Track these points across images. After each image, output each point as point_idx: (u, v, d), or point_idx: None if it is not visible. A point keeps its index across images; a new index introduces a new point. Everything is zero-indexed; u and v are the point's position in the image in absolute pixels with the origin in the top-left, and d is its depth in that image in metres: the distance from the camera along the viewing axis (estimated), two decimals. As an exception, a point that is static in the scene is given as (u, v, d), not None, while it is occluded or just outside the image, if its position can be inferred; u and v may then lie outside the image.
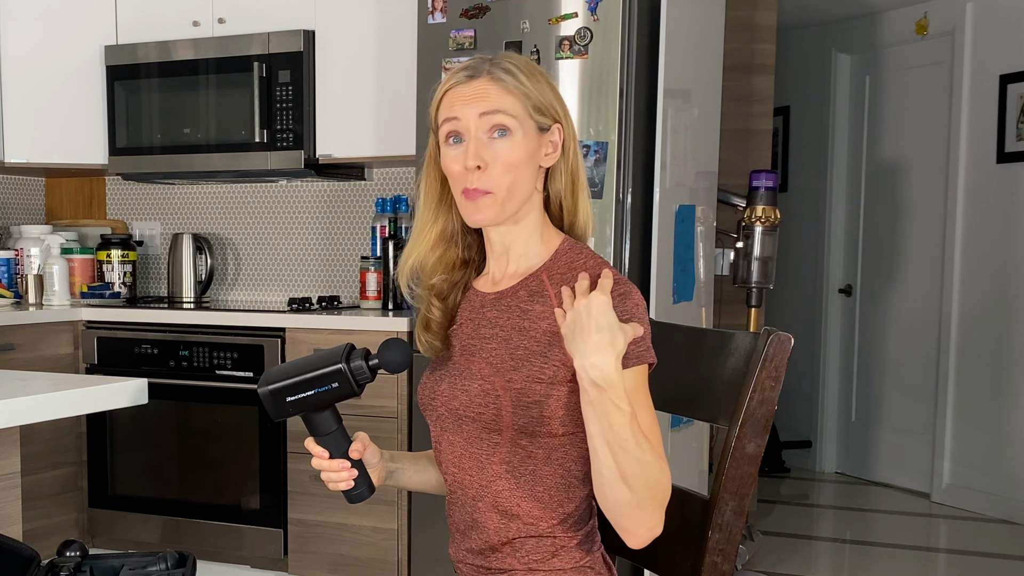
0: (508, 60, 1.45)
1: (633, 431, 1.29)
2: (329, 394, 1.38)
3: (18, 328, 3.55)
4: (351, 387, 1.38)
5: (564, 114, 1.48)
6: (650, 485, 1.32)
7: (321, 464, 1.45)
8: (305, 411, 1.40)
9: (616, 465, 1.30)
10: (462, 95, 1.43)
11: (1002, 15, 4.68)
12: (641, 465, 1.30)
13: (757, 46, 4.25)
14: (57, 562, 1.32)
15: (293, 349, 3.45)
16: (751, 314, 3.78)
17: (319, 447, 1.44)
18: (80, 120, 3.99)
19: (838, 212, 5.62)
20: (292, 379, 1.38)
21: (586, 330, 1.28)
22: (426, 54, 3.17)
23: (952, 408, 4.91)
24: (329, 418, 1.43)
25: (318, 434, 1.43)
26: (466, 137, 1.43)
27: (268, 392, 1.38)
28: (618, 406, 1.28)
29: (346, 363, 1.37)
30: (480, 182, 1.42)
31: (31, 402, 1.64)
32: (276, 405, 1.38)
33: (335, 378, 1.37)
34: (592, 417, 1.31)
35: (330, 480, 1.45)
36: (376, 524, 3.38)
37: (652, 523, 1.35)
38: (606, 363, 1.27)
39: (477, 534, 1.49)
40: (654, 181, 3.06)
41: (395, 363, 1.39)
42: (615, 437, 1.29)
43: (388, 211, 3.75)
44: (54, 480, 3.70)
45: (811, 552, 4.25)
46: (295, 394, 1.38)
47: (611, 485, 1.32)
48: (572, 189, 1.50)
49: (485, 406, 1.43)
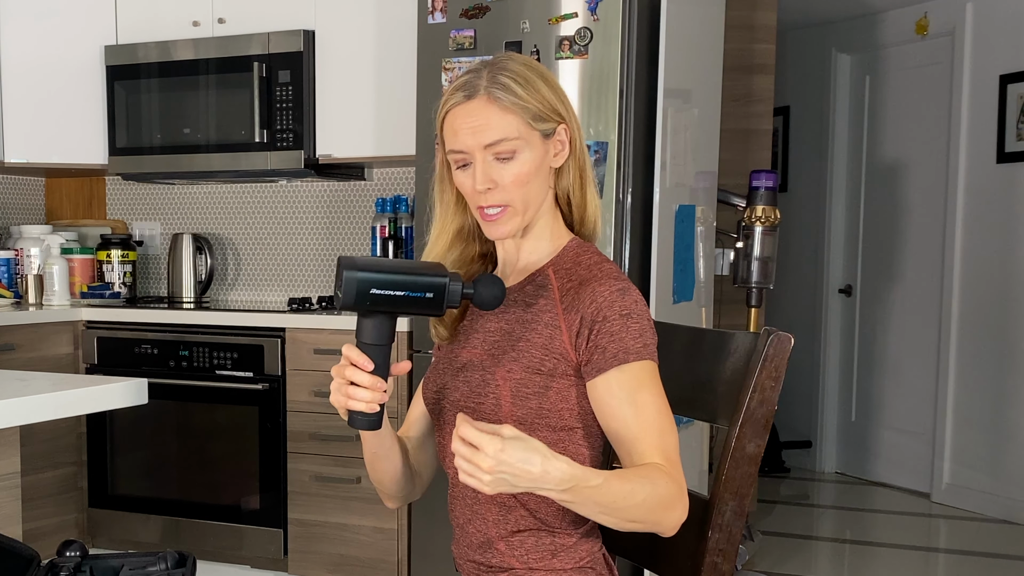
0: (503, 72, 1.43)
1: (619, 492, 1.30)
2: (416, 303, 1.30)
3: (18, 328, 3.55)
4: (441, 305, 1.32)
5: (567, 110, 1.48)
6: (653, 511, 1.34)
7: (359, 376, 1.33)
8: (384, 310, 1.30)
9: (618, 521, 1.33)
10: (463, 122, 1.43)
11: (1002, 15, 4.68)
12: (639, 508, 1.32)
13: (757, 46, 4.25)
14: (57, 562, 1.32)
15: (293, 349, 3.45)
16: (751, 314, 3.78)
17: (363, 356, 1.33)
18: (80, 120, 3.99)
19: (838, 212, 5.62)
20: (389, 273, 1.29)
21: (522, 475, 1.22)
22: (426, 54, 3.17)
23: (952, 408, 4.91)
24: (390, 328, 1.33)
25: (369, 341, 1.32)
26: (473, 162, 1.44)
27: (358, 277, 1.27)
28: (593, 487, 1.27)
29: (450, 280, 1.31)
30: (494, 199, 1.44)
31: (31, 402, 1.64)
32: (359, 292, 1.28)
33: (433, 289, 1.30)
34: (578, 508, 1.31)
35: (356, 396, 1.34)
36: (376, 524, 3.38)
37: (677, 516, 1.37)
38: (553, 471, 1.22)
39: (477, 527, 1.50)
40: (654, 181, 3.06)
41: (485, 299, 1.35)
42: (605, 509, 1.31)
43: (388, 211, 3.75)
44: (54, 480, 3.70)
45: (811, 552, 4.25)
46: (386, 289, 1.28)
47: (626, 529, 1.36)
48: (580, 183, 1.51)
49: (484, 396, 1.44)
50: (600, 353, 1.38)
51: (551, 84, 1.47)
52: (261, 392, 3.50)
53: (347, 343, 1.36)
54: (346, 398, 1.35)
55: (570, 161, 1.49)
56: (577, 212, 1.52)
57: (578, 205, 1.52)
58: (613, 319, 1.38)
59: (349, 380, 1.34)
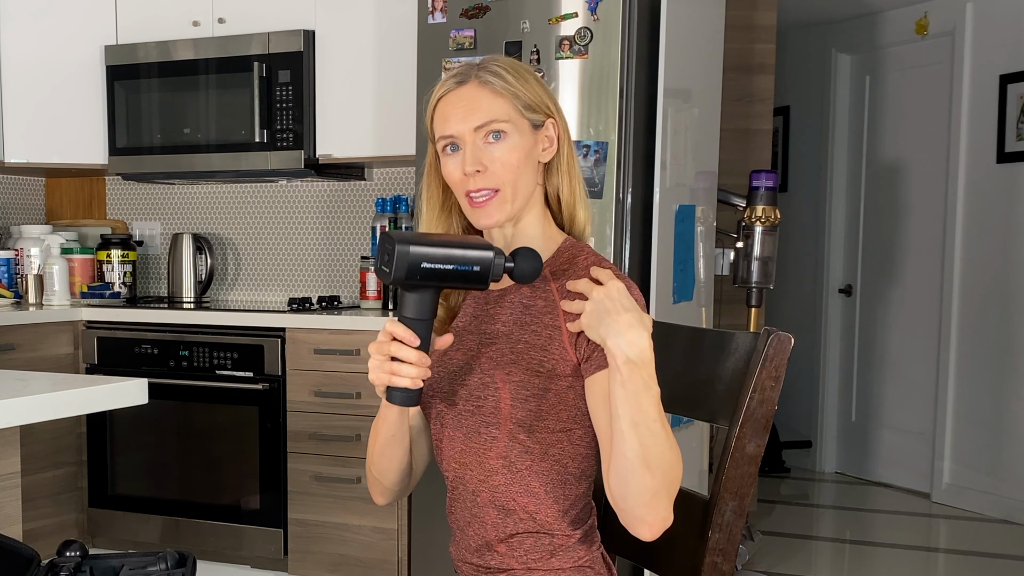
0: (495, 63, 1.47)
1: (660, 412, 1.30)
2: (463, 276, 1.32)
3: (18, 328, 3.55)
4: (486, 278, 1.33)
5: (556, 109, 1.50)
6: (670, 471, 1.32)
7: (404, 352, 1.32)
8: (432, 283, 1.32)
9: (642, 448, 1.29)
10: (454, 107, 1.45)
11: (1002, 15, 4.68)
12: (664, 449, 1.30)
13: (757, 46, 4.25)
14: (57, 562, 1.32)
15: (293, 349, 3.45)
16: (751, 314, 3.78)
17: (410, 332, 1.33)
18: (80, 120, 3.99)
19: (838, 212, 5.62)
20: (439, 247, 1.31)
21: (614, 311, 1.28)
22: (426, 54, 3.17)
23: (952, 408, 4.91)
24: (434, 302, 1.35)
25: (414, 316, 1.33)
26: (463, 145, 1.45)
27: (410, 251, 1.29)
28: (648, 385, 1.29)
29: (496, 254, 1.33)
30: (482, 182, 1.44)
31: (31, 402, 1.64)
32: (410, 266, 1.29)
33: (480, 263, 1.32)
34: (622, 398, 1.29)
35: (401, 372, 1.33)
36: (376, 524, 3.38)
37: (666, 513, 1.33)
38: (641, 338, 1.28)
39: (476, 530, 1.50)
40: (654, 181, 3.06)
41: (526, 272, 1.36)
42: (644, 418, 1.29)
43: (388, 211, 3.75)
44: (54, 480, 3.70)
45: (811, 552, 4.25)
46: (436, 263, 1.30)
47: (634, 470, 1.30)
48: (570, 183, 1.51)
49: (484, 398, 1.44)
50: (600, 350, 1.38)
51: (540, 82, 1.50)
52: (261, 392, 3.50)
53: (390, 320, 1.35)
54: (389, 375, 1.34)
55: (559, 159, 1.50)
56: (567, 211, 1.52)
57: (568, 204, 1.52)
58: None
59: (391, 356, 1.33)
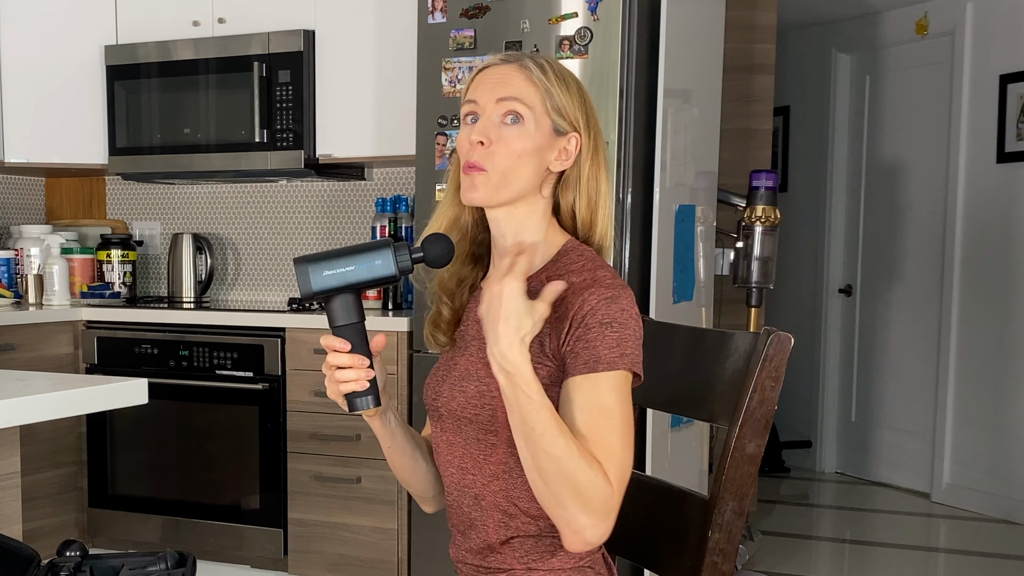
0: (545, 59, 1.47)
1: (545, 424, 1.29)
2: (369, 272, 1.35)
3: (18, 328, 3.55)
4: (392, 267, 1.35)
5: (587, 127, 1.47)
6: (568, 483, 1.30)
7: (340, 359, 1.36)
8: (340, 288, 1.34)
9: (533, 459, 1.31)
10: (488, 78, 1.45)
11: (1002, 15, 4.68)
12: (554, 461, 1.29)
13: (757, 46, 4.25)
14: (57, 562, 1.31)
15: (293, 349, 3.45)
16: (751, 314, 3.78)
17: (339, 339, 1.37)
18: (80, 120, 3.99)
19: (838, 212, 5.62)
20: (338, 256, 1.34)
21: (496, 317, 1.29)
22: (426, 54, 3.17)
23: (952, 408, 4.91)
24: (356, 306, 1.37)
25: (340, 323, 1.37)
26: (481, 115, 1.45)
27: (309, 266, 1.33)
28: (527, 395, 1.29)
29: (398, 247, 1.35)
30: (478, 156, 1.43)
31: (31, 402, 1.64)
32: (313, 276, 1.33)
33: (379, 256, 1.34)
34: (507, 407, 1.32)
35: (344, 379, 1.37)
36: (376, 524, 3.38)
37: (578, 526, 1.32)
38: (510, 349, 1.28)
39: (476, 534, 1.49)
40: (654, 181, 3.06)
41: (435, 255, 1.37)
42: (525, 427, 1.30)
43: (388, 211, 3.75)
44: (54, 480, 3.70)
45: (811, 552, 4.25)
46: (335, 268, 1.34)
47: (533, 479, 1.33)
48: (588, 203, 1.49)
49: (481, 407, 1.43)
50: (573, 358, 1.37)
51: (583, 97, 1.48)
52: (261, 392, 3.50)
53: (323, 336, 1.39)
54: (337, 384, 1.38)
55: (573, 176, 1.48)
56: (583, 230, 1.50)
57: (584, 223, 1.50)
58: (592, 327, 1.36)
59: (335, 366, 1.38)
